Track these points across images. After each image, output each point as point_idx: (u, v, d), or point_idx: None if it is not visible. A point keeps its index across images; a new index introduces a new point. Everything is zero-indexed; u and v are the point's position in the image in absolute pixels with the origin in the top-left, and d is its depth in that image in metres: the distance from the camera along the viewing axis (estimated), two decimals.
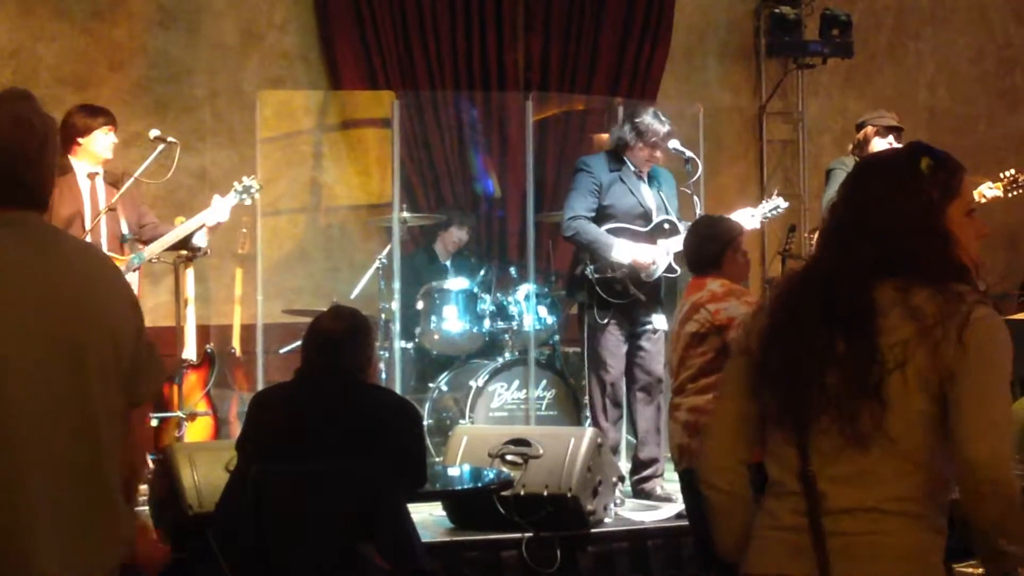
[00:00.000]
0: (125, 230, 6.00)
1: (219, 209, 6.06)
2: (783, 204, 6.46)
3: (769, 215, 6.43)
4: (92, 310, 2.40)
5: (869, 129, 6.76)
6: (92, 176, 5.91)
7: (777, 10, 8.70)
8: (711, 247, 4.77)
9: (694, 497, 4.65)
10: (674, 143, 6.34)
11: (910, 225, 2.36)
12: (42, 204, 2.44)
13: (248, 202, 6.29)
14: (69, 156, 5.86)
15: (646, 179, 6.27)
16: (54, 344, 2.34)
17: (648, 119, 6.18)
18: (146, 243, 6.06)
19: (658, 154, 6.21)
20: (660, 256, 6.13)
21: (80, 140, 5.88)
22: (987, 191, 6.77)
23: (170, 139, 5.92)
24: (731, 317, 4.54)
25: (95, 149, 5.91)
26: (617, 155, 6.22)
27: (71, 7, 7.40)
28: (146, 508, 5.54)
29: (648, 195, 6.24)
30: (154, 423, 6.01)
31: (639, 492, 6.14)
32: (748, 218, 6.18)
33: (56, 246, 2.45)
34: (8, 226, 2.38)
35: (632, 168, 6.21)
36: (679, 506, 5.72)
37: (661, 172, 6.41)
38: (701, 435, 2.66)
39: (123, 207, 5.97)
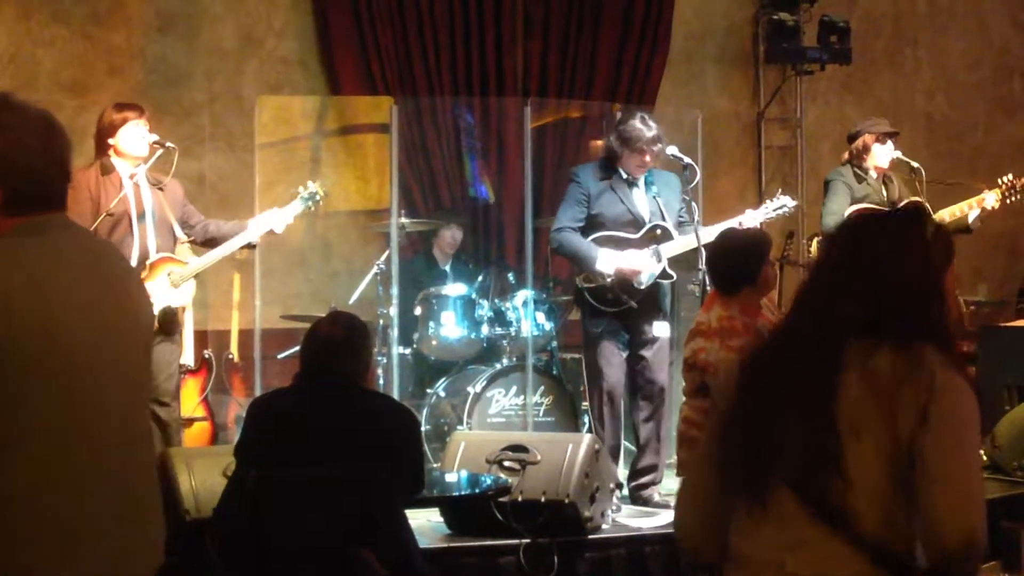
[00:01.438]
0: (179, 233, 5.86)
1: (279, 221, 5.97)
2: (790, 203, 6.39)
3: (774, 215, 6.36)
4: (131, 307, 2.44)
5: (868, 137, 6.79)
6: (132, 177, 5.72)
7: (775, 17, 8.74)
8: (750, 263, 4.72)
9: None
10: (672, 149, 6.27)
11: (913, 286, 2.33)
12: (63, 203, 2.42)
13: (313, 209, 6.17)
14: (111, 158, 5.74)
15: (641, 185, 6.19)
16: (112, 336, 2.35)
17: (635, 124, 6.07)
18: (201, 245, 5.94)
19: (647, 159, 6.09)
20: (648, 262, 6.07)
21: (110, 140, 5.72)
22: (988, 196, 6.80)
23: (168, 144, 5.80)
24: (708, 362, 4.55)
25: (125, 147, 5.71)
26: (609, 163, 6.15)
27: (70, 12, 7.40)
28: None
29: (641, 201, 6.15)
30: None
31: (636, 499, 6.12)
32: (749, 219, 6.17)
33: (90, 245, 2.49)
34: (61, 228, 2.39)
35: (624, 175, 6.14)
36: None
37: (660, 176, 6.32)
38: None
39: (171, 208, 5.84)
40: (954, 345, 2.32)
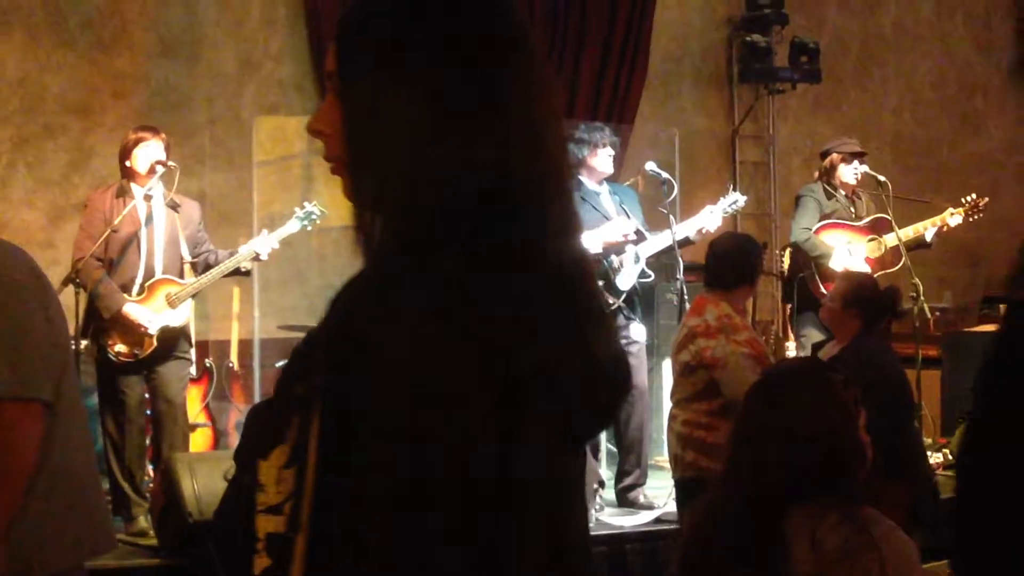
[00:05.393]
0: (186, 254, 5.88)
1: (263, 246, 6.00)
2: (741, 199, 6.57)
3: (729, 210, 6.50)
4: None
5: (835, 156, 6.93)
6: (148, 198, 5.76)
7: (749, 38, 8.77)
8: (753, 262, 4.92)
9: (683, 504, 4.82)
10: (650, 165, 6.45)
11: (836, 446, 2.27)
12: None
13: (309, 228, 6.19)
14: (128, 180, 5.77)
15: (606, 193, 6.27)
16: None
17: (583, 128, 6.26)
18: (200, 272, 5.94)
19: (611, 152, 6.22)
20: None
21: (127, 162, 5.77)
22: (950, 219, 6.92)
23: (170, 163, 5.78)
24: (717, 358, 4.61)
25: (136, 166, 5.75)
26: None
27: (76, 38, 7.42)
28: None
29: (610, 207, 6.23)
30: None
31: (623, 501, 6.19)
32: (708, 215, 6.28)
33: None
34: None
35: (589, 185, 6.22)
36: (657, 512, 5.87)
37: (621, 189, 6.46)
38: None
39: (184, 228, 5.86)
40: (879, 494, 2.31)
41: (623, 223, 6.11)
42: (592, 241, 5.96)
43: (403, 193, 1.32)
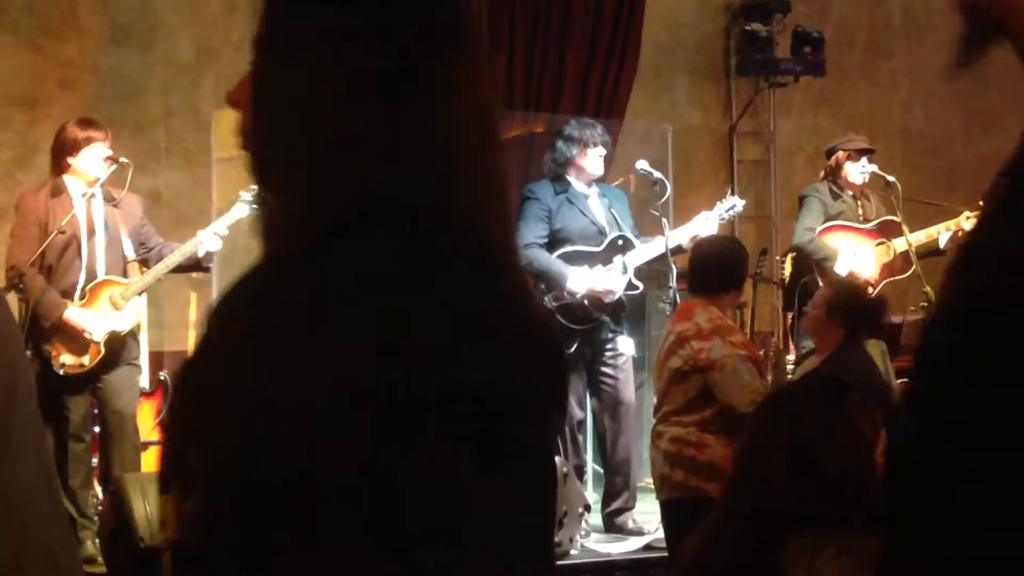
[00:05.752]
0: (129, 252, 5.77)
1: (208, 236, 5.87)
2: (740, 203, 6.53)
3: (726, 216, 6.45)
4: None
5: (840, 154, 6.89)
6: (89, 198, 5.65)
7: (748, 27, 8.73)
8: (740, 267, 4.86)
9: (673, 527, 4.72)
10: (642, 163, 6.36)
11: (847, 471, 2.25)
12: None
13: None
14: (64, 175, 5.65)
15: (595, 196, 6.25)
16: None
17: (574, 125, 6.25)
18: (150, 267, 5.85)
19: (603, 152, 6.20)
20: (618, 279, 6.07)
21: (69, 159, 5.64)
22: (966, 223, 6.82)
23: (122, 160, 5.72)
24: (712, 360, 4.53)
25: (83, 168, 5.64)
26: (559, 178, 6.19)
27: (19, 22, 7.34)
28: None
29: (598, 211, 6.21)
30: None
31: (611, 526, 6.12)
32: (703, 222, 6.24)
33: None
34: None
35: (577, 187, 6.19)
36: (648, 538, 5.81)
37: (610, 190, 6.46)
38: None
39: (125, 225, 5.77)
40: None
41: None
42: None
43: (322, 178, 1.31)
